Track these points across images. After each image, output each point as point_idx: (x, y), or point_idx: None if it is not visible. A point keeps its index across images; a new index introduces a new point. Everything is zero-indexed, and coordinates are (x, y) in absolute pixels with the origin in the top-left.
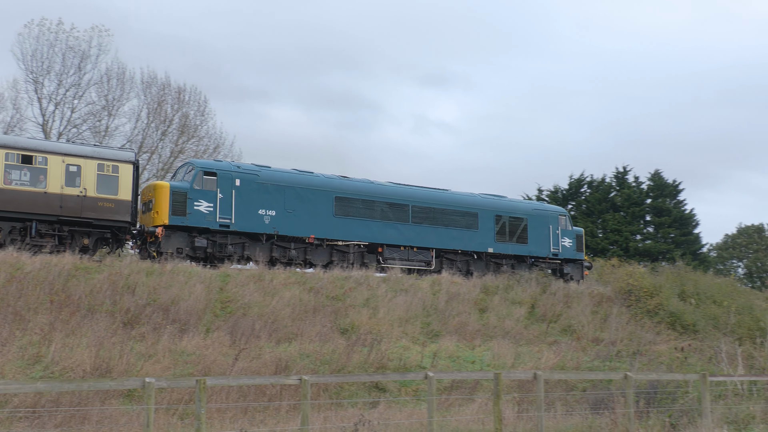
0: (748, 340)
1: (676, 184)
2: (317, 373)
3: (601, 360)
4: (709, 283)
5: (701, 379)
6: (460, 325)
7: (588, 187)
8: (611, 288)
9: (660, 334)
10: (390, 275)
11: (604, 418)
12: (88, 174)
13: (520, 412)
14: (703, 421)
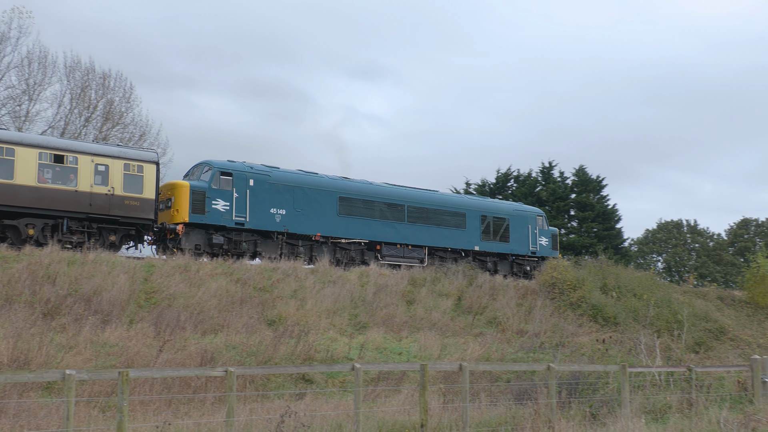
0: (666, 332)
1: (600, 179)
2: (243, 365)
3: (525, 351)
4: (630, 277)
5: (621, 370)
6: (387, 316)
7: (515, 181)
8: (536, 281)
9: (582, 326)
10: (318, 267)
11: (527, 409)
12: (116, 173)
13: (446, 402)
14: (622, 410)
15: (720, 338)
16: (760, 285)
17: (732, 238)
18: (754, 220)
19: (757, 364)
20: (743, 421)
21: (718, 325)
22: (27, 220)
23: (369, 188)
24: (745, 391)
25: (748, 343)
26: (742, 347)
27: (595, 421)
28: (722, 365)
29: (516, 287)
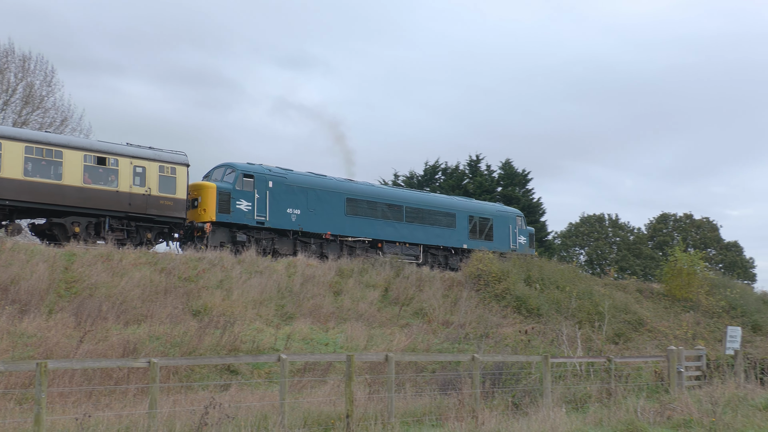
0: (588, 323)
1: (525, 173)
2: (167, 356)
3: (450, 342)
4: (553, 270)
5: (543, 360)
6: (314, 307)
7: (443, 173)
8: (462, 273)
9: (506, 318)
10: (245, 256)
11: (451, 399)
12: (152, 175)
13: (372, 393)
14: (544, 400)
15: (639, 330)
16: (677, 278)
17: (651, 233)
18: (672, 215)
19: (673, 354)
20: (659, 410)
21: (637, 317)
22: (73, 218)
23: (372, 190)
24: (662, 380)
25: (665, 335)
26: (659, 338)
27: (518, 410)
28: (640, 356)
29: (442, 279)
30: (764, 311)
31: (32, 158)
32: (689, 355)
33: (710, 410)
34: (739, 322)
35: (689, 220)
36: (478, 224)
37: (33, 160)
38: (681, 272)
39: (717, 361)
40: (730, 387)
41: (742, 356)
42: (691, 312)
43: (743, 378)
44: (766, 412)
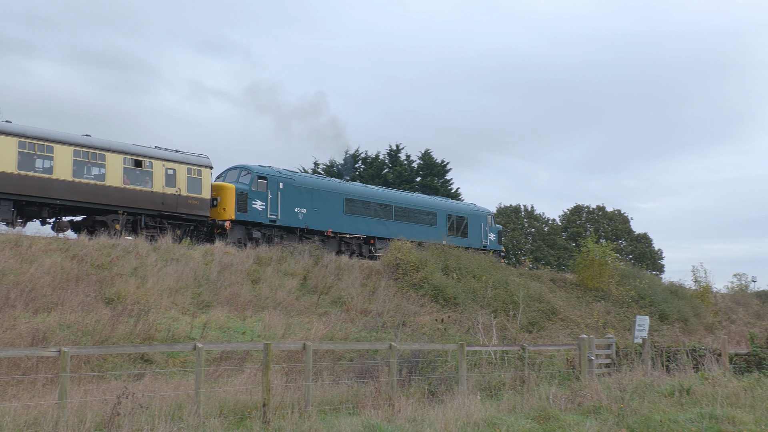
0: (503, 312)
1: (445, 164)
2: (78, 345)
3: (368, 331)
4: (470, 259)
5: (459, 349)
6: (231, 295)
7: (362, 162)
8: (380, 262)
9: (424, 306)
10: (160, 244)
11: (368, 387)
12: (181, 177)
13: (289, 381)
14: (459, 388)
15: (552, 318)
16: (589, 269)
17: (565, 224)
18: (585, 207)
19: (584, 343)
20: (570, 397)
21: (550, 306)
22: (113, 216)
23: (366, 191)
24: (573, 368)
25: (577, 323)
26: (571, 327)
27: (434, 398)
28: (553, 344)
29: (361, 268)
30: (671, 301)
31: (79, 161)
32: (600, 343)
33: (619, 397)
34: (648, 311)
35: (601, 212)
36: (455, 222)
37: (80, 162)
38: (593, 263)
39: (626, 349)
40: (637, 374)
41: (649, 344)
42: (602, 302)
43: (650, 365)
44: (671, 398)
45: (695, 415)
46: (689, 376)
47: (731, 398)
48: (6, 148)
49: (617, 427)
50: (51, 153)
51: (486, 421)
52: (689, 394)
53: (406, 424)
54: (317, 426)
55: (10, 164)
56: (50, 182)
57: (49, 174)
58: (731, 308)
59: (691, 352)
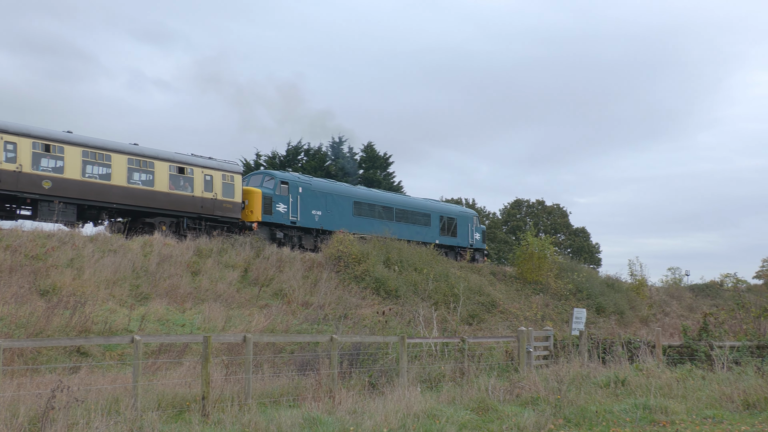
0: (443, 305)
1: (387, 157)
2: (12, 338)
3: (309, 323)
4: (412, 252)
5: (400, 341)
6: (171, 287)
7: (305, 154)
8: (322, 254)
9: (365, 299)
10: (97, 235)
11: (309, 379)
12: (217, 182)
13: (229, 374)
14: (400, 380)
15: (491, 311)
16: (528, 262)
17: (506, 218)
18: (525, 201)
19: (522, 335)
20: (509, 388)
21: (490, 299)
22: (160, 218)
23: (371, 194)
24: (512, 360)
25: (516, 316)
26: (510, 319)
27: (374, 390)
28: (492, 336)
29: (303, 260)
30: (607, 294)
31: (132, 168)
32: (538, 335)
33: (556, 388)
34: (585, 304)
35: (541, 206)
36: (447, 223)
37: (132, 170)
38: (532, 256)
39: (563, 342)
40: (574, 366)
41: (586, 337)
42: (541, 294)
43: (587, 357)
44: (607, 389)
45: (630, 405)
46: (624, 367)
47: (664, 389)
48: (73, 157)
49: (554, 417)
50: (109, 161)
51: (426, 413)
52: (624, 385)
53: (346, 416)
54: (257, 419)
55: (76, 172)
56: (108, 188)
57: (107, 180)
58: (665, 301)
59: (627, 344)
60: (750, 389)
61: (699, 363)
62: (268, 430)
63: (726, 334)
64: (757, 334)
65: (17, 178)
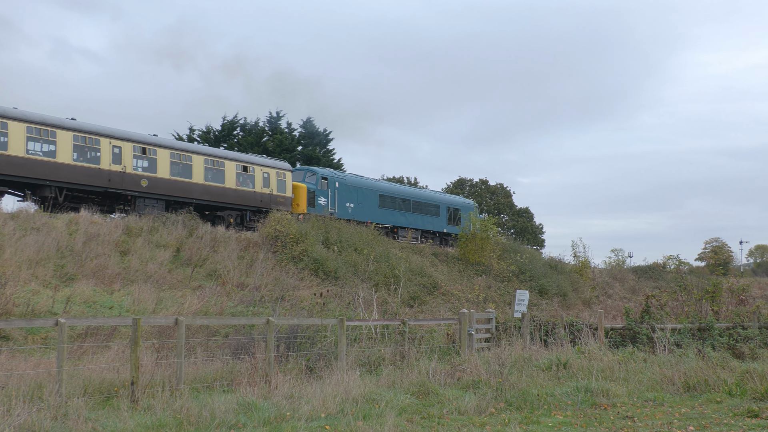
0: (384, 286)
1: (327, 133)
2: None
3: (245, 305)
4: (352, 232)
5: (339, 323)
6: (98, 268)
7: (241, 130)
8: (259, 233)
9: (303, 280)
10: (19, 212)
11: (244, 363)
12: (272, 179)
13: (160, 358)
14: (338, 363)
15: (433, 293)
16: (471, 243)
17: None
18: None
19: (464, 317)
20: (450, 372)
21: (431, 281)
22: (228, 212)
23: (392, 187)
24: (453, 343)
25: (458, 298)
26: (452, 301)
27: (312, 374)
28: (433, 319)
29: (238, 239)
30: (550, 276)
31: (209, 168)
32: (480, 317)
33: (498, 371)
34: (528, 285)
35: (484, 185)
36: (452, 213)
37: (209, 169)
38: (475, 237)
39: (506, 324)
40: (516, 348)
41: (528, 319)
42: (484, 276)
43: (529, 340)
44: (548, 371)
45: (571, 388)
46: (566, 350)
47: (606, 372)
48: (163, 159)
49: (495, 401)
50: (190, 162)
51: (365, 397)
52: (566, 367)
53: (283, 401)
54: (189, 404)
55: (166, 171)
56: (190, 185)
57: (189, 178)
58: (608, 283)
59: (569, 326)
60: (691, 372)
61: (641, 345)
62: (201, 416)
63: (668, 316)
64: (698, 317)
65: (122, 178)
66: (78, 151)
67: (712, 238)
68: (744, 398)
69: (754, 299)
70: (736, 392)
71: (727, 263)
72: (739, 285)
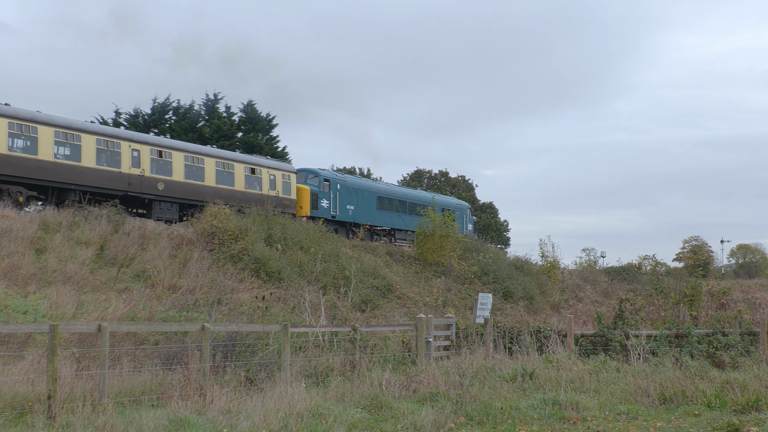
0: (333, 289)
1: (270, 118)
2: None
3: (177, 310)
4: (297, 229)
5: (283, 330)
6: (10, 267)
7: (174, 113)
8: (194, 229)
9: (243, 282)
10: None
11: (176, 375)
12: (278, 181)
13: (81, 369)
14: (282, 374)
15: (387, 296)
16: (429, 241)
17: None
18: (427, 171)
19: (421, 323)
20: (405, 383)
21: (386, 282)
22: None
23: (390, 189)
24: (409, 351)
25: (414, 302)
26: (408, 305)
27: (252, 386)
28: (387, 325)
29: (170, 236)
30: (516, 277)
31: (220, 171)
32: (439, 323)
33: (458, 382)
34: (491, 288)
35: (444, 178)
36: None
37: (220, 172)
38: (434, 235)
39: (467, 330)
40: (478, 357)
41: (492, 325)
42: (443, 277)
43: (492, 348)
44: (513, 383)
45: (538, 401)
46: (533, 359)
47: (576, 382)
48: (178, 162)
49: (455, 415)
50: (202, 164)
51: (311, 411)
52: (532, 378)
53: (219, 416)
54: (114, 420)
55: (180, 175)
56: (203, 188)
57: (201, 181)
58: (579, 285)
59: (536, 332)
60: (667, 382)
61: (613, 354)
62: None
63: (643, 321)
64: (675, 322)
65: (141, 182)
66: (100, 154)
67: (691, 237)
68: (724, 411)
69: (736, 303)
70: (715, 404)
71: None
72: (719, 288)
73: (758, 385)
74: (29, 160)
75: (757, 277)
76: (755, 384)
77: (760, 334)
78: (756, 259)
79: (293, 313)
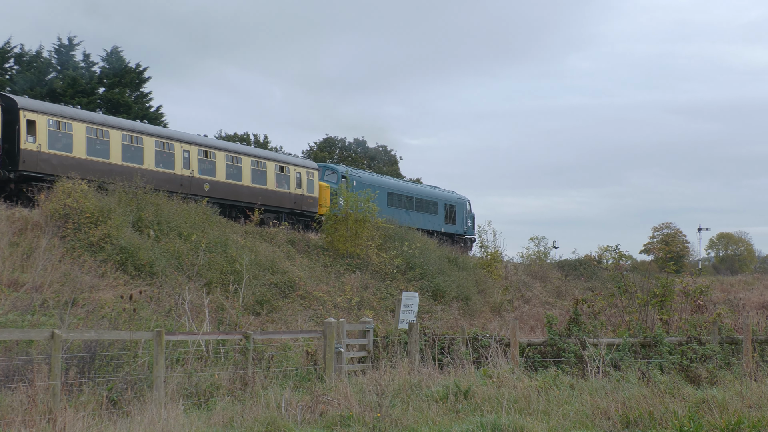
0: (220, 286)
1: (141, 70)
2: None
3: (20, 312)
4: (174, 210)
5: (155, 338)
6: None
7: (16, 62)
8: (41, 211)
9: (105, 277)
10: None
11: (18, 395)
12: (303, 179)
13: None
14: (154, 394)
15: (288, 295)
16: (341, 227)
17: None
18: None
19: (331, 329)
20: (310, 404)
21: (286, 278)
22: (268, 214)
23: (399, 185)
24: (316, 364)
25: (322, 302)
26: (315, 307)
27: (116, 409)
28: (289, 332)
29: (10, 219)
30: (449, 273)
31: (255, 170)
32: (353, 330)
33: (375, 403)
34: (418, 286)
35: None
36: (449, 211)
37: (255, 171)
38: (347, 220)
39: (387, 338)
40: (401, 372)
41: (418, 331)
42: (358, 272)
43: (418, 360)
44: (444, 403)
45: (474, 425)
46: (468, 373)
47: (521, 402)
48: (221, 162)
49: None
50: (240, 164)
51: None
52: (467, 397)
53: None
54: None
55: (223, 175)
56: (240, 188)
57: (239, 181)
58: (526, 283)
59: (473, 341)
60: (631, 401)
61: (567, 367)
62: None
63: (603, 327)
64: (642, 328)
65: (191, 182)
66: (158, 156)
67: (663, 224)
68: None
69: (715, 305)
70: (689, 428)
71: (681, 257)
72: (696, 286)
73: (740, 405)
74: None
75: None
76: (737, 403)
77: (743, 343)
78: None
79: (169, 316)
